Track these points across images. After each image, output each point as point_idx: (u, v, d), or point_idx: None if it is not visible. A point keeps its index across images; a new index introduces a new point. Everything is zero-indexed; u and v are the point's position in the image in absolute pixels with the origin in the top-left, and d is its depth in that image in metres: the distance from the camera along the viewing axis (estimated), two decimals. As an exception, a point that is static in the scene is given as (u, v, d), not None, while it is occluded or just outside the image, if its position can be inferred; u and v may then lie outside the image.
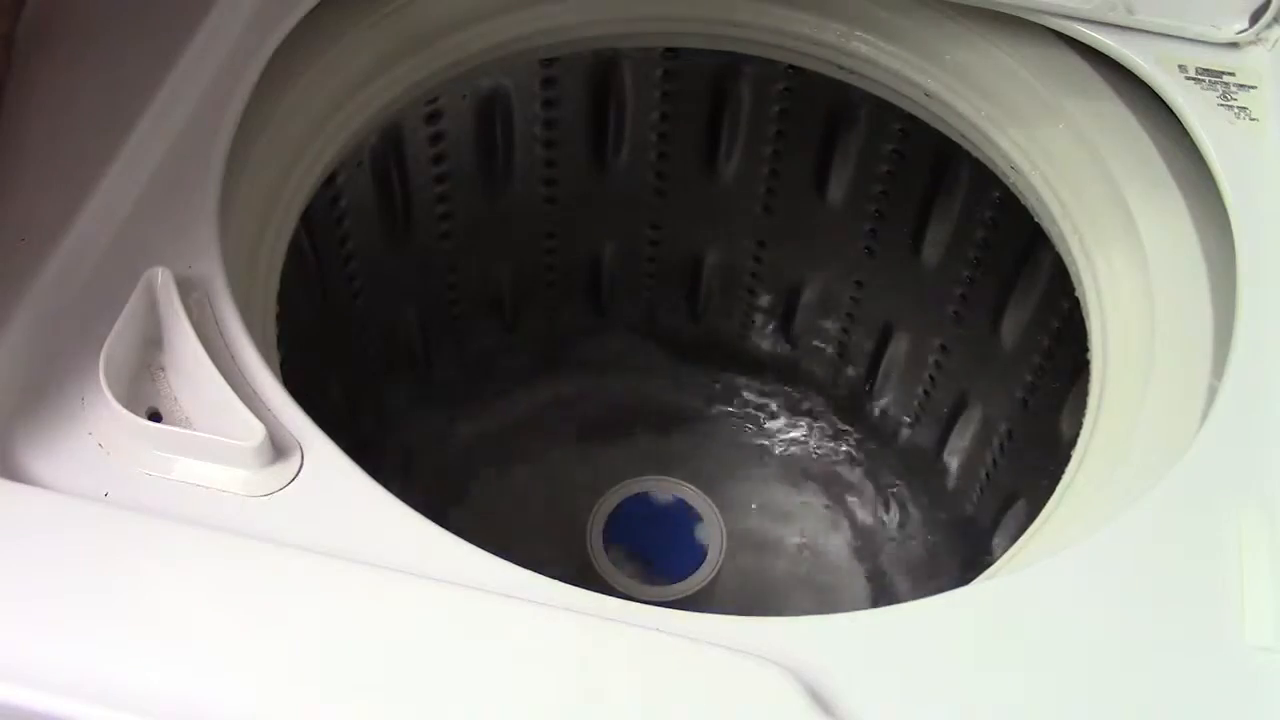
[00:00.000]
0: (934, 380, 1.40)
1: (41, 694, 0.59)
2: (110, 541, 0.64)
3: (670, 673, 0.62)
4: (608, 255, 1.48)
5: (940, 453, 1.44)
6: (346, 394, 1.34)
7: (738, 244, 1.45)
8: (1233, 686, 0.64)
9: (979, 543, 1.35)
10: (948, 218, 1.25)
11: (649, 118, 1.31)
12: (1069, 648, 0.65)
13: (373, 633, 0.62)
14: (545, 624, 0.63)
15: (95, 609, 0.62)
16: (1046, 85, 0.98)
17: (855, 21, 1.10)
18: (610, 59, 1.25)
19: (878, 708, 0.62)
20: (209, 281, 0.75)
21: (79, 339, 0.71)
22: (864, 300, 1.43)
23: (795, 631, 0.65)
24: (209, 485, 0.67)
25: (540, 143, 1.31)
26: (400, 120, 1.16)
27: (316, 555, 0.64)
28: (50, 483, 0.67)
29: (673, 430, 1.56)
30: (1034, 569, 0.69)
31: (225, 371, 0.70)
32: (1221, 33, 0.93)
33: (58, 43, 0.85)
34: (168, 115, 0.82)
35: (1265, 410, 0.75)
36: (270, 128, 0.91)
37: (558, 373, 1.56)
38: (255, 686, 0.60)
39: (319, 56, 0.96)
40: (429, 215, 1.30)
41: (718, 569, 1.29)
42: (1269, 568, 0.68)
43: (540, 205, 1.38)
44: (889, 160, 1.26)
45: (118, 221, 0.77)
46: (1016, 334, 1.23)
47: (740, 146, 1.33)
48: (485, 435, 1.52)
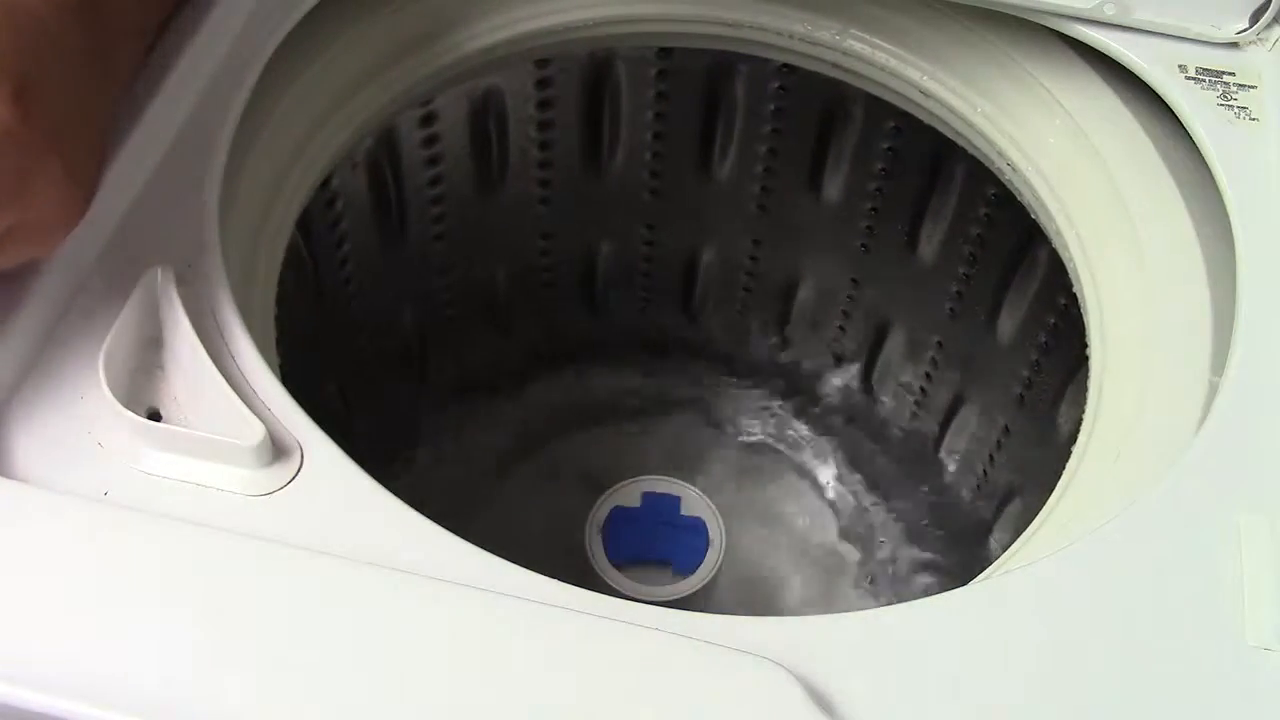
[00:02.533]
0: (931, 377, 1.40)
1: (41, 694, 0.59)
2: (110, 541, 0.64)
3: (670, 673, 0.62)
4: (603, 255, 1.48)
5: (938, 450, 1.44)
6: (345, 394, 1.34)
7: (733, 243, 1.45)
8: (1233, 686, 0.64)
9: (977, 540, 1.35)
10: (944, 215, 1.26)
11: (643, 117, 1.31)
12: (1068, 648, 0.65)
13: (372, 632, 0.62)
14: (545, 624, 0.63)
15: (94, 609, 0.62)
16: (1044, 84, 0.98)
17: (850, 20, 1.10)
18: (604, 59, 1.25)
19: (878, 708, 0.62)
20: (209, 281, 0.75)
21: (79, 339, 0.71)
22: (860, 298, 1.43)
23: (795, 631, 0.65)
24: (209, 485, 0.67)
25: (535, 143, 1.31)
26: (395, 122, 1.16)
27: (316, 555, 0.64)
28: (49, 482, 0.66)
29: (670, 429, 1.56)
30: (1033, 569, 0.69)
31: (225, 371, 0.70)
32: (1221, 32, 0.93)
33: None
34: (167, 115, 0.82)
35: (1265, 410, 0.75)
36: (269, 127, 0.90)
37: (554, 372, 1.56)
38: (254, 686, 0.60)
39: (318, 56, 0.96)
40: (424, 216, 1.30)
41: (717, 569, 1.29)
42: (1269, 568, 0.68)
43: (535, 205, 1.38)
44: (885, 158, 1.26)
45: (117, 221, 0.77)
46: (1013, 331, 1.23)
47: (735, 145, 1.33)
48: (482, 435, 1.52)
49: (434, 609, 0.63)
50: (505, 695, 0.61)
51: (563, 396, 1.56)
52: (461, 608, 0.63)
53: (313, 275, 1.17)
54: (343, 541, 0.65)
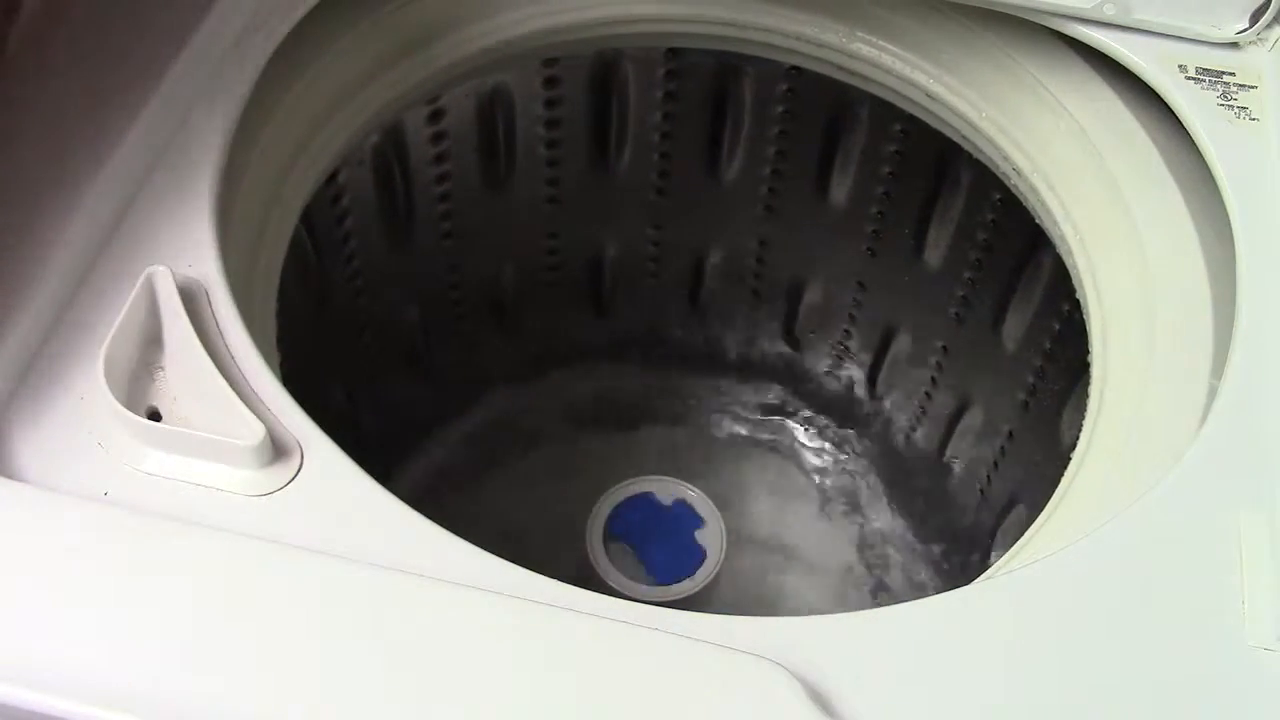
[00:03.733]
0: (935, 381, 1.40)
1: (41, 694, 0.59)
2: (110, 541, 0.64)
3: (670, 673, 0.62)
4: (609, 255, 1.48)
5: (942, 454, 1.44)
6: (347, 394, 1.34)
7: (739, 244, 1.45)
8: (1233, 686, 0.64)
9: (980, 543, 1.35)
10: (949, 219, 1.26)
11: (651, 118, 1.31)
12: (1069, 648, 0.65)
13: (372, 632, 0.62)
14: (545, 624, 0.63)
15: (94, 608, 0.62)
16: (1047, 85, 0.98)
17: (857, 22, 1.10)
18: (612, 59, 1.25)
19: (878, 708, 0.62)
20: (209, 281, 0.75)
21: (79, 339, 0.72)
22: (865, 301, 1.43)
23: (795, 631, 0.65)
24: (209, 485, 0.67)
25: (542, 142, 1.31)
26: (402, 119, 1.16)
27: (316, 555, 0.64)
28: (50, 482, 0.67)
29: (673, 430, 1.56)
30: (1034, 569, 0.69)
31: (225, 371, 0.70)
32: (1221, 33, 0.93)
33: (57, 43, 0.85)
34: (168, 114, 0.82)
35: (1265, 410, 0.75)
36: (270, 127, 0.91)
37: (558, 372, 1.56)
38: (254, 686, 0.60)
39: (320, 55, 0.96)
40: (430, 214, 1.30)
41: (718, 569, 1.29)
42: (1269, 568, 0.68)
43: (542, 205, 1.38)
44: (891, 161, 1.26)
45: (117, 221, 0.77)
46: (1018, 335, 1.23)
47: (742, 147, 1.33)
48: (485, 435, 1.52)
49: (434, 609, 0.63)
50: (505, 695, 0.61)
51: (567, 395, 1.56)
52: (461, 607, 0.63)
53: (317, 273, 1.17)
54: (342, 541, 0.65)
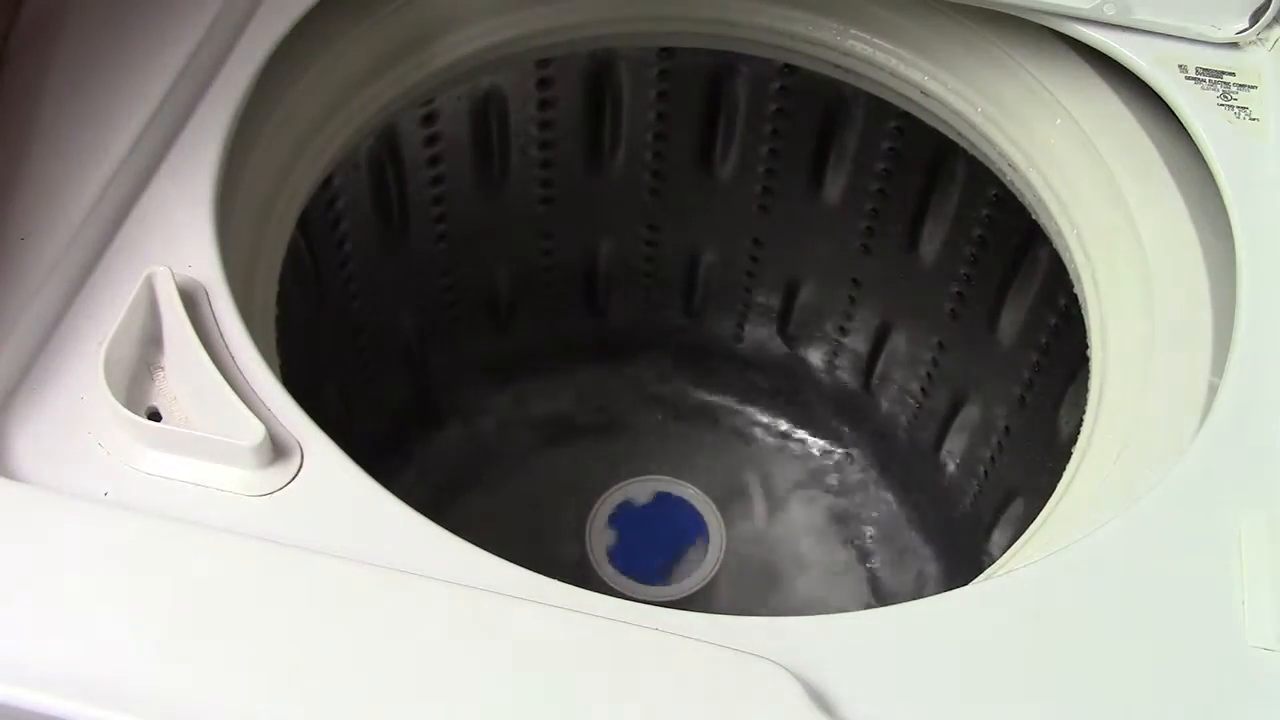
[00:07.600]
0: (931, 378, 1.40)
1: (41, 694, 0.59)
2: (110, 541, 0.64)
3: (670, 673, 0.62)
4: (604, 255, 1.48)
5: (938, 450, 1.44)
6: (345, 394, 1.34)
7: (734, 243, 1.45)
8: (1233, 686, 0.64)
9: (978, 541, 1.35)
10: (945, 216, 1.26)
11: (645, 117, 1.31)
12: (1068, 648, 0.65)
13: (372, 632, 0.62)
14: (545, 624, 0.63)
15: (94, 609, 0.62)
16: (1044, 84, 0.98)
17: (851, 20, 1.10)
18: (606, 59, 1.25)
19: (877, 708, 0.62)
20: (209, 281, 0.75)
21: (79, 339, 0.72)
22: (861, 298, 1.43)
23: (795, 631, 0.65)
24: (209, 485, 0.67)
25: (536, 143, 1.31)
26: (396, 122, 1.16)
27: (316, 555, 0.64)
28: (50, 482, 0.67)
29: (671, 430, 1.56)
30: (1033, 569, 0.69)
31: (225, 371, 0.70)
32: (1221, 33, 0.93)
33: (57, 43, 0.85)
34: (167, 115, 0.82)
35: (1265, 410, 0.75)
36: (269, 128, 0.90)
37: (555, 373, 1.56)
38: (254, 685, 0.60)
39: (317, 57, 0.96)
40: (425, 216, 1.30)
41: (717, 569, 1.29)
42: (1269, 568, 0.68)
43: (536, 206, 1.38)
44: (886, 158, 1.26)
45: (118, 222, 0.77)
46: (1014, 331, 1.23)
47: (736, 146, 1.33)
48: (484, 435, 1.52)
49: (433, 608, 0.63)
50: (505, 694, 0.61)
51: (564, 396, 1.56)
52: (461, 607, 0.63)
53: (313, 275, 1.17)
54: (342, 541, 0.65)
